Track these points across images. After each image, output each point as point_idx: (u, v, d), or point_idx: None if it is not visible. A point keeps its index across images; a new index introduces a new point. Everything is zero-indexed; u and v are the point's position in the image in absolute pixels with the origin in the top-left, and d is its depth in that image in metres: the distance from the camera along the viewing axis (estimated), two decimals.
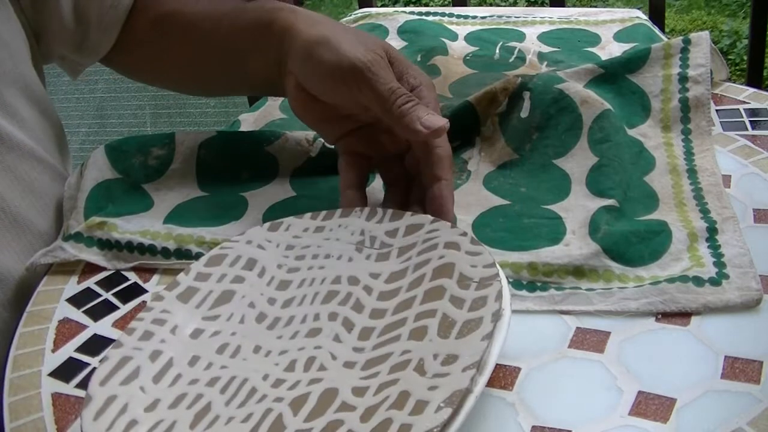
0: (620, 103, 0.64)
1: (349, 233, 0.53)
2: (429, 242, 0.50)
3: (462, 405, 0.39)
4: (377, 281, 0.49)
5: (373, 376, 0.43)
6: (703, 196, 0.57)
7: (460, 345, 0.42)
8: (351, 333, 0.46)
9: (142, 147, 0.66)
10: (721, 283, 0.49)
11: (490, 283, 0.45)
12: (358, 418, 0.40)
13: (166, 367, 0.46)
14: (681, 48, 0.67)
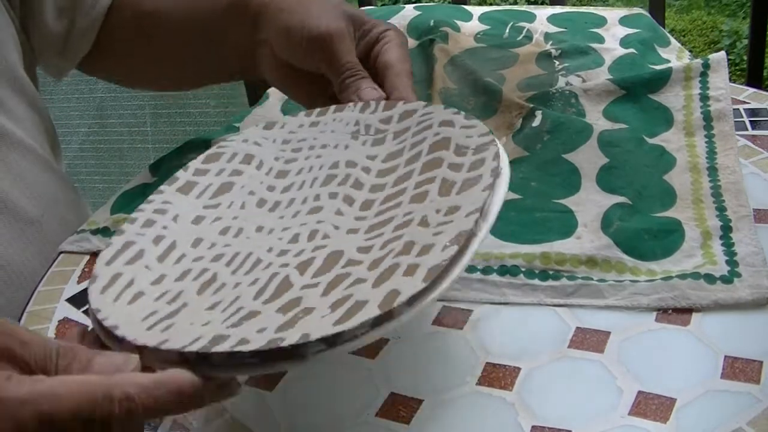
0: (643, 117, 0.65)
1: (344, 125, 0.55)
2: (423, 123, 0.52)
3: (467, 245, 0.41)
4: (375, 162, 0.51)
5: (377, 236, 0.45)
6: (721, 194, 0.57)
7: (462, 198, 0.44)
8: (352, 206, 0.48)
9: (180, 154, 0.70)
10: (732, 281, 0.50)
11: (486, 148, 0.47)
12: (365, 269, 0.42)
13: (170, 249, 0.47)
14: (701, 72, 0.68)
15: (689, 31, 2.87)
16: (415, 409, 0.45)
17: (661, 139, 0.63)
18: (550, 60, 0.76)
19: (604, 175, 0.59)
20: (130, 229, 0.49)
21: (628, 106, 0.66)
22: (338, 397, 0.46)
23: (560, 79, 0.72)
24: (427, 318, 0.51)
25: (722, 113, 0.64)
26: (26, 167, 0.65)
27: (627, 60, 0.73)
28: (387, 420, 0.44)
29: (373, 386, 0.47)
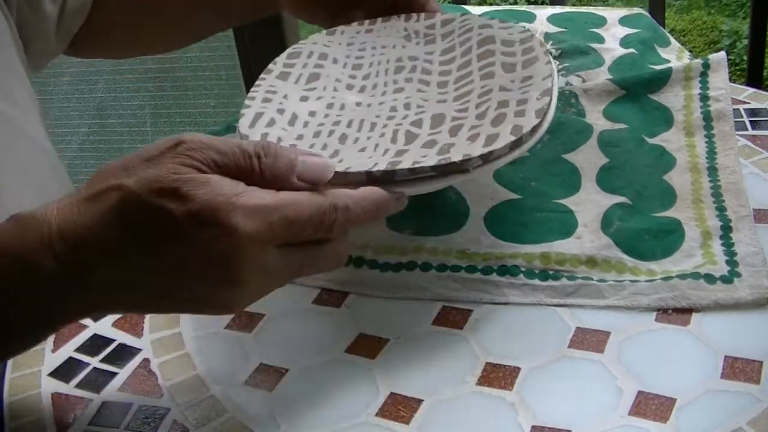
0: (643, 117, 0.65)
1: (395, 31, 0.64)
2: (464, 27, 0.62)
3: (551, 101, 0.51)
4: (433, 56, 0.61)
5: (466, 102, 0.54)
6: (721, 194, 0.57)
7: (529, 71, 0.54)
8: (429, 86, 0.58)
9: None
10: (732, 281, 0.50)
11: (531, 39, 0.58)
12: (474, 118, 0.52)
13: (294, 118, 0.55)
14: (701, 72, 0.67)
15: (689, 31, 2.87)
16: (415, 409, 0.45)
17: (661, 139, 0.63)
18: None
19: (604, 175, 0.59)
20: (253, 104, 0.56)
21: (628, 106, 0.66)
22: (338, 397, 0.46)
23: (560, 79, 0.72)
24: (427, 318, 0.51)
25: (722, 113, 0.64)
26: (29, 157, 0.65)
27: (627, 60, 0.73)
28: (387, 420, 0.44)
29: (373, 386, 0.47)
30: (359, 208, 0.45)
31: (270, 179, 0.42)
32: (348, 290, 0.54)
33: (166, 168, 0.40)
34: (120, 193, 0.40)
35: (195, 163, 0.41)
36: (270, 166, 0.42)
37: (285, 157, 0.43)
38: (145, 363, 0.50)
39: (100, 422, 0.46)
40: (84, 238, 0.40)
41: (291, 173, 0.43)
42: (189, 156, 0.41)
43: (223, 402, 0.47)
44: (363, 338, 0.50)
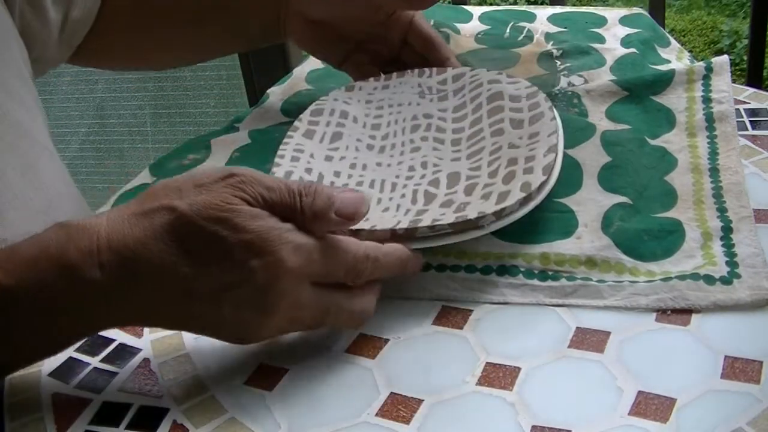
0: (645, 118, 0.65)
1: (410, 87, 0.68)
2: (475, 82, 0.66)
3: (557, 156, 0.55)
4: (446, 113, 0.65)
5: (479, 160, 0.59)
6: (723, 195, 0.57)
7: (536, 127, 0.58)
8: (444, 144, 0.62)
9: (180, 154, 0.71)
10: (732, 282, 0.49)
11: (536, 95, 0.61)
12: (487, 177, 0.56)
13: (320, 178, 0.59)
14: (703, 75, 0.68)
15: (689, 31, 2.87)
16: (415, 409, 0.45)
17: (663, 140, 0.63)
18: (551, 60, 0.76)
19: (606, 174, 0.59)
20: (283, 162, 0.59)
21: (630, 107, 0.66)
22: (338, 397, 0.46)
23: (562, 79, 0.72)
24: (427, 318, 0.51)
25: (725, 115, 0.64)
26: (34, 157, 0.65)
27: (628, 60, 0.73)
28: (387, 420, 0.44)
29: (373, 386, 0.47)
30: (386, 261, 0.48)
31: (310, 217, 0.45)
32: None
33: (220, 197, 0.43)
34: (173, 214, 0.43)
35: (246, 196, 0.44)
36: (310, 205, 0.45)
37: (324, 195, 0.45)
38: (145, 363, 0.50)
39: (100, 422, 0.46)
40: (133, 250, 0.42)
41: (329, 210, 0.45)
42: (240, 189, 0.43)
43: (223, 402, 0.47)
44: (363, 338, 0.50)
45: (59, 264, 0.42)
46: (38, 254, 0.42)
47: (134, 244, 0.42)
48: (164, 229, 0.42)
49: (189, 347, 0.51)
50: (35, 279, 0.42)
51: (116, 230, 0.43)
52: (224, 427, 0.45)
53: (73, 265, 0.42)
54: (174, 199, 0.43)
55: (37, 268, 0.42)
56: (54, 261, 0.42)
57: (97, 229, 0.43)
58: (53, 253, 0.42)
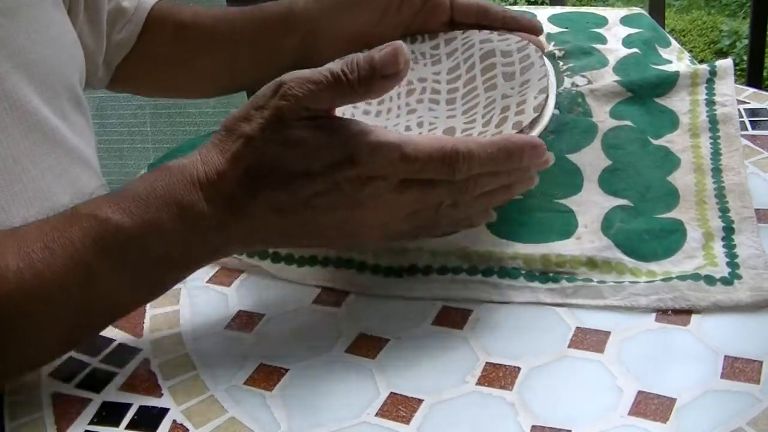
0: (649, 119, 0.65)
1: None
2: (467, 44, 0.67)
3: (548, 96, 0.55)
4: (440, 75, 0.66)
5: (473, 114, 0.59)
6: (725, 195, 0.57)
7: (527, 75, 0.59)
8: (439, 105, 0.63)
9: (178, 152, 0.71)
10: (733, 282, 0.49)
11: (526, 47, 0.62)
12: (480, 126, 0.57)
13: None
14: (707, 78, 0.67)
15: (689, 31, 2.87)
16: (415, 409, 0.45)
17: (666, 140, 0.63)
18: (554, 61, 0.76)
19: (607, 177, 0.59)
20: None
21: (633, 108, 0.66)
22: (338, 397, 0.46)
23: (565, 80, 0.72)
24: (427, 318, 0.51)
25: (728, 117, 0.64)
26: (86, 182, 0.66)
27: (631, 60, 0.73)
28: (387, 420, 0.44)
29: (373, 386, 0.47)
30: (484, 152, 0.48)
31: (363, 91, 0.47)
32: (342, 286, 0.54)
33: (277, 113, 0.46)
34: (243, 139, 0.47)
35: (299, 96, 0.46)
36: (357, 80, 0.46)
37: (365, 63, 0.46)
38: (145, 363, 0.50)
39: (100, 422, 0.46)
40: (221, 181, 0.47)
41: (376, 75, 0.46)
42: (291, 95, 0.46)
43: (223, 402, 0.47)
44: (363, 338, 0.50)
45: (167, 202, 0.46)
46: (148, 195, 0.46)
47: (221, 175, 0.47)
48: (238, 156, 0.46)
49: (189, 347, 0.51)
50: (149, 218, 0.46)
51: (209, 166, 0.47)
52: (224, 427, 0.45)
53: (181, 203, 0.46)
54: (244, 127, 0.47)
55: (148, 207, 0.46)
56: (162, 200, 0.46)
57: (196, 166, 0.47)
58: (160, 194, 0.46)
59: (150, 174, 0.48)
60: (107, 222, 0.46)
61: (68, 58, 0.67)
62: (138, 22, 0.74)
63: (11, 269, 0.45)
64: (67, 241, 0.45)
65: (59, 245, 0.45)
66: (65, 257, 0.45)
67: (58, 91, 0.64)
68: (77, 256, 0.45)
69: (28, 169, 0.59)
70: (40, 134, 0.61)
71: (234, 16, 0.75)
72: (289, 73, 0.47)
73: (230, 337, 0.52)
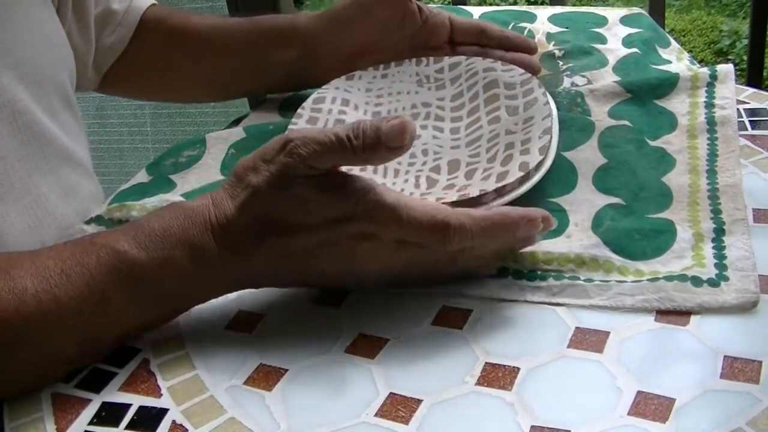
0: (647, 120, 0.65)
1: (408, 75, 0.70)
2: (470, 71, 0.68)
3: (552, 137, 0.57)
4: (444, 102, 0.67)
5: (477, 147, 0.61)
6: (718, 196, 0.56)
7: (530, 112, 0.60)
8: (443, 133, 0.64)
9: (176, 151, 0.71)
10: (719, 284, 0.49)
11: (529, 81, 0.63)
12: (486, 162, 0.58)
13: None
14: (708, 82, 0.68)
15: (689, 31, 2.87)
16: (415, 409, 0.45)
17: (663, 141, 0.63)
18: (554, 60, 0.76)
19: (601, 176, 0.59)
20: None
21: (632, 109, 0.66)
22: (338, 397, 0.46)
23: (565, 80, 0.72)
24: (426, 318, 0.51)
25: (727, 119, 0.64)
26: (76, 180, 0.66)
27: (631, 60, 0.73)
28: (387, 420, 0.44)
29: (373, 386, 0.47)
30: (477, 227, 0.49)
31: (364, 157, 0.48)
32: None
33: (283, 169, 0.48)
34: (250, 190, 0.48)
35: (303, 156, 0.47)
36: (361, 147, 0.47)
37: (371, 131, 0.48)
38: (145, 363, 0.50)
39: (99, 422, 0.46)
40: (230, 226, 0.48)
41: (380, 145, 0.48)
42: (297, 154, 0.47)
43: (223, 402, 0.47)
44: (363, 338, 0.50)
45: (181, 241, 0.48)
46: (164, 232, 0.48)
47: (231, 221, 0.48)
48: (246, 205, 0.48)
49: (189, 347, 0.51)
50: (164, 255, 0.48)
51: (219, 210, 0.49)
52: (224, 427, 0.45)
53: (193, 243, 0.48)
54: (252, 178, 0.49)
55: (164, 245, 0.48)
56: (176, 239, 0.48)
57: (207, 210, 0.49)
58: (175, 232, 0.48)
59: (164, 212, 0.50)
60: (124, 255, 0.48)
61: (57, 57, 0.67)
62: (129, 26, 0.74)
63: (29, 292, 0.46)
64: (84, 269, 0.47)
65: (76, 273, 0.47)
66: (82, 285, 0.47)
67: (48, 89, 0.64)
68: (93, 285, 0.47)
69: (16, 167, 0.60)
70: (28, 133, 0.61)
71: (232, 25, 0.76)
72: (296, 131, 0.49)
73: (230, 337, 0.52)
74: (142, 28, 0.75)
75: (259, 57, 0.74)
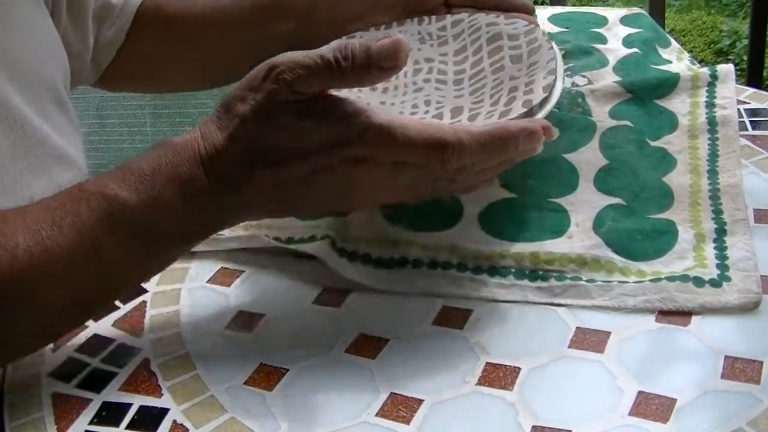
0: (648, 120, 0.65)
1: (410, 34, 0.69)
2: (473, 26, 0.66)
3: (556, 78, 0.56)
4: (447, 57, 0.65)
5: (481, 94, 0.59)
6: (719, 197, 0.57)
7: (535, 57, 0.59)
8: (447, 85, 0.62)
9: None
10: (721, 284, 0.49)
11: (533, 30, 0.62)
12: (489, 106, 0.56)
13: None
14: (708, 82, 0.67)
15: (689, 31, 2.87)
16: (415, 409, 0.45)
17: (664, 141, 0.63)
18: None
19: (602, 177, 0.59)
20: None
21: (633, 109, 0.66)
22: (338, 397, 0.46)
23: (565, 80, 0.72)
24: (427, 318, 0.51)
25: (727, 119, 0.64)
26: (69, 180, 0.66)
27: (631, 60, 0.73)
28: (387, 420, 0.44)
29: (373, 386, 0.47)
30: (476, 143, 0.47)
31: (356, 80, 0.47)
32: (342, 285, 0.54)
33: (269, 96, 0.47)
34: (238, 119, 0.47)
35: (289, 82, 0.46)
36: (350, 68, 0.46)
37: (360, 52, 0.47)
38: (145, 363, 0.50)
39: (100, 422, 0.46)
40: (219, 157, 0.47)
41: (371, 66, 0.47)
42: (282, 79, 0.46)
43: (223, 402, 0.47)
44: (363, 338, 0.50)
45: (171, 179, 0.47)
46: (153, 171, 0.47)
47: (220, 151, 0.48)
48: (236, 134, 0.47)
49: (189, 347, 0.51)
50: (154, 194, 0.47)
51: (208, 142, 0.48)
52: (224, 427, 0.45)
53: (185, 178, 0.47)
54: (239, 107, 0.48)
55: (154, 184, 0.47)
56: (166, 176, 0.47)
57: (196, 143, 0.48)
58: (165, 170, 0.47)
59: (153, 150, 0.49)
60: (114, 199, 0.47)
61: (49, 58, 0.67)
62: (127, 18, 0.74)
63: (21, 247, 0.45)
64: (75, 218, 0.46)
65: (67, 222, 0.46)
66: (73, 234, 0.46)
67: (39, 90, 0.64)
68: (85, 233, 0.46)
69: (7, 166, 0.60)
70: (20, 132, 0.61)
71: (228, 4, 0.75)
72: (281, 56, 0.47)
73: (230, 337, 0.52)
74: (140, 17, 0.75)
75: (258, 31, 0.73)
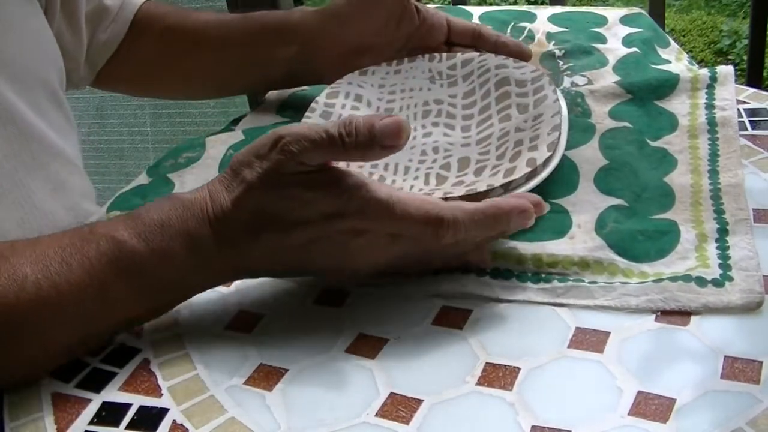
0: (648, 121, 0.65)
1: (420, 71, 0.71)
2: (483, 68, 0.68)
3: (560, 134, 0.58)
4: (456, 99, 0.68)
5: (487, 145, 0.61)
6: (721, 197, 0.56)
7: (540, 109, 0.61)
8: (455, 130, 0.65)
9: (175, 153, 0.71)
10: (724, 284, 0.49)
11: (540, 78, 0.64)
12: (495, 159, 0.59)
13: None
14: (707, 84, 0.68)
15: (689, 31, 2.87)
16: (415, 409, 0.45)
17: (664, 141, 0.63)
18: (554, 60, 0.76)
19: (603, 177, 0.59)
20: None
21: (633, 109, 0.66)
22: (338, 397, 0.46)
23: (565, 79, 0.72)
24: (426, 318, 0.51)
25: (727, 120, 0.64)
26: (65, 176, 0.66)
27: (631, 60, 0.73)
28: (387, 420, 0.44)
29: (373, 386, 0.47)
30: (470, 220, 0.49)
31: (356, 155, 0.49)
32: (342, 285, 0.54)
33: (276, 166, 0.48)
34: (245, 185, 0.49)
35: (295, 154, 0.48)
36: (353, 144, 0.47)
37: (364, 129, 0.48)
38: (145, 363, 0.50)
39: (100, 422, 0.46)
40: (227, 219, 0.49)
41: (373, 144, 0.48)
42: (288, 151, 0.48)
43: (223, 402, 0.47)
44: (363, 338, 0.50)
45: (180, 233, 0.49)
46: (162, 224, 0.49)
47: (228, 213, 0.49)
48: (241, 200, 0.49)
49: (189, 347, 0.51)
50: (163, 246, 0.48)
51: (216, 202, 0.49)
52: (224, 427, 0.45)
53: (193, 235, 0.49)
54: (246, 173, 0.49)
55: (163, 236, 0.49)
56: (175, 230, 0.49)
57: (205, 202, 0.50)
58: (174, 224, 0.49)
59: (162, 203, 0.50)
60: (123, 245, 0.48)
61: (43, 55, 0.67)
62: (123, 23, 0.74)
63: (30, 279, 0.47)
64: (84, 258, 0.48)
65: (76, 261, 0.48)
66: (82, 273, 0.47)
67: (34, 87, 0.64)
68: (94, 274, 0.48)
69: (2, 163, 0.60)
70: (14, 129, 0.61)
71: (229, 21, 0.76)
72: (287, 127, 0.49)
73: (230, 337, 0.52)
74: (136, 24, 0.75)
75: (259, 53, 0.74)
